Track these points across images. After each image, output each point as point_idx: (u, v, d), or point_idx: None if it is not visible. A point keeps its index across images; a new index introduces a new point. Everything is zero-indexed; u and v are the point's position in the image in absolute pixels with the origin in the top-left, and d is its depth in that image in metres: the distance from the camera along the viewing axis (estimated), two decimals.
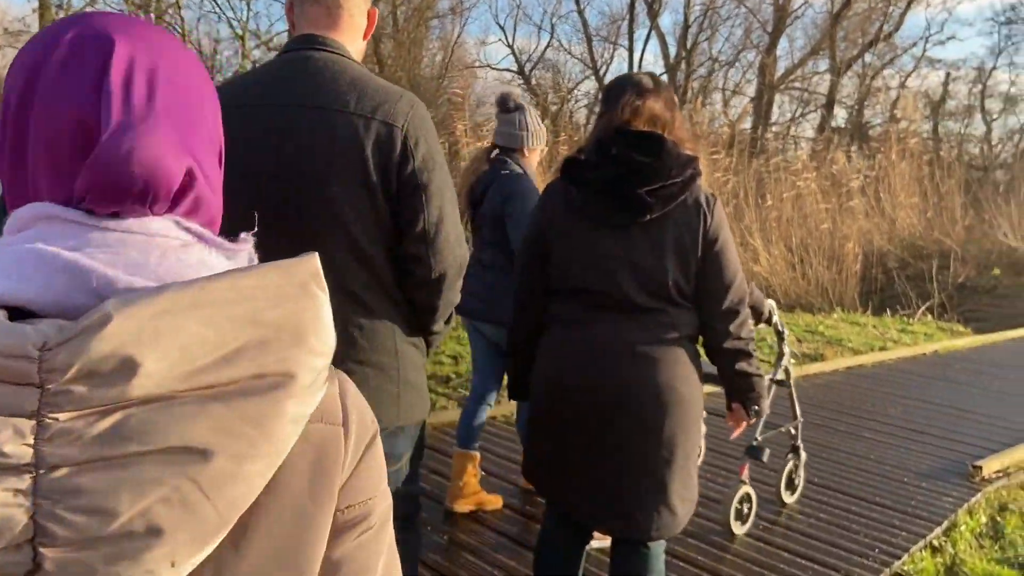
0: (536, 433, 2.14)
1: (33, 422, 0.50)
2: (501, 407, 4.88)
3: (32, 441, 0.50)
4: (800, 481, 3.75)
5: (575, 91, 23.65)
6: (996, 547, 3.52)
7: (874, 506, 3.72)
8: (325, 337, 0.60)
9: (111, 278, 0.56)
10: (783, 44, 23.21)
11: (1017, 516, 3.83)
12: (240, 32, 15.92)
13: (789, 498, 3.71)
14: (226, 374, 0.54)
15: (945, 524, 3.57)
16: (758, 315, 3.16)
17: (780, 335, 3.55)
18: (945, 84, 25.02)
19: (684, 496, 2.02)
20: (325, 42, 1.65)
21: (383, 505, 0.69)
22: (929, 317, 10.78)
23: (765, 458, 3.31)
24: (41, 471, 0.50)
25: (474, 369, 3.46)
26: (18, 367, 0.50)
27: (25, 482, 0.49)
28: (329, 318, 0.61)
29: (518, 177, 3.09)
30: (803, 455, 3.75)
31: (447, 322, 1.79)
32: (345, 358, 1.59)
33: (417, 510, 1.91)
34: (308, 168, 1.55)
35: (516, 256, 2.16)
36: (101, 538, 0.50)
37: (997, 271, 14.23)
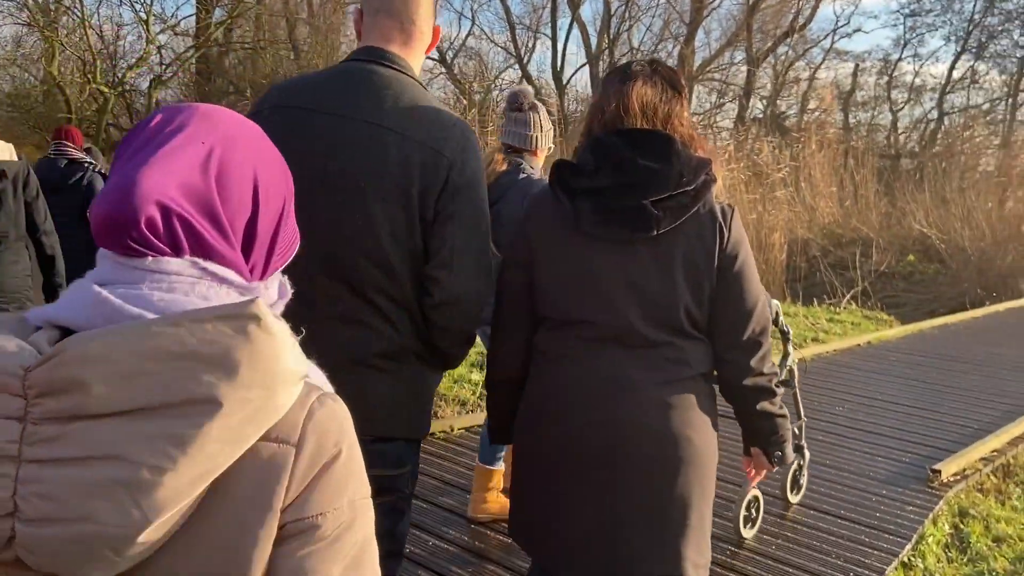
0: (522, 486, 1.81)
1: (21, 425, 0.66)
2: (441, 421, 4.56)
3: (18, 439, 0.66)
4: (804, 481, 3.71)
5: (499, 80, 23.32)
6: (964, 559, 3.39)
7: (841, 521, 3.54)
8: (261, 370, 0.68)
9: (118, 307, 0.70)
10: (700, 36, 23.38)
11: (980, 523, 3.73)
12: (144, 16, 15.00)
13: (794, 498, 3.65)
14: (158, 398, 0.65)
15: (914, 538, 3.43)
16: None
17: (785, 335, 3.53)
18: (854, 75, 25.81)
19: (698, 563, 1.72)
20: (392, 59, 1.66)
21: (339, 521, 0.74)
22: (853, 305, 10.95)
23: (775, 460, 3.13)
24: (21, 463, 0.65)
25: None
26: (9, 382, 0.66)
27: (11, 470, 0.65)
28: (272, 353, 0.69)
29: (540, 182, 3.03)
30: (807, 455, 3.73)
31: (462, 347, 1.76)
32: (362, 363, 1.62)
33: (402, 548, 1.86)
34: (352, 182, 1.57)
35: (498, 278, 1.84)
36: (54, 520, 0.64)
37: (912, 257, 14.67)
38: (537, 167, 3.14)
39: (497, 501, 3.33)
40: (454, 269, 1.63)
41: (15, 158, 3.48)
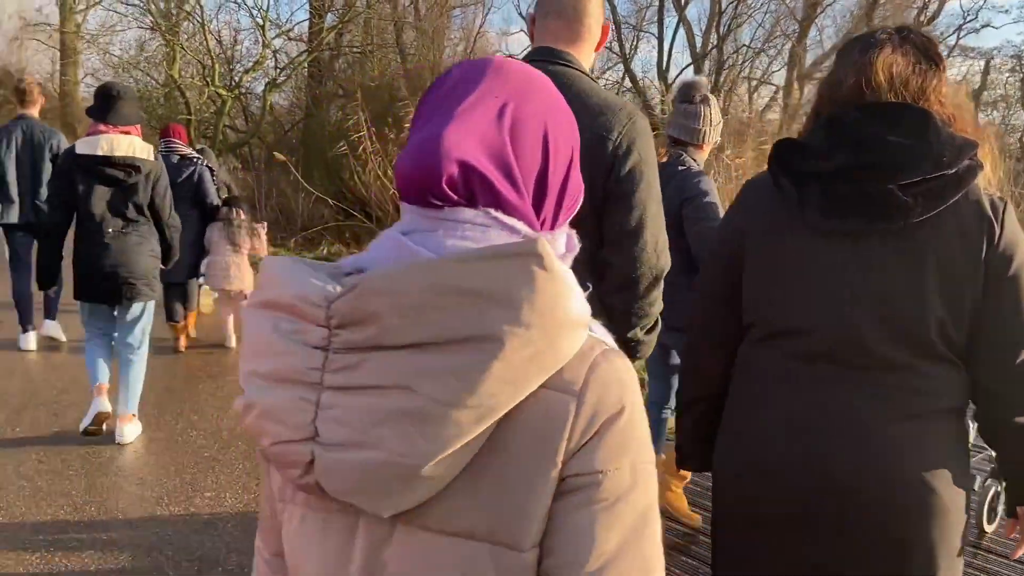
0: (726, 528, 1.52)
1: (324, 353, 0.71)
2: None
3: (321, 366, 0.70)
4: (1001, 508, 3.36)
5: (602, 79, 22.96)
6: None
7: None
8: (541, 310, 0.67)
9: (415, 251, 0.74)
10: (812, 33, 22.29)
11: None
12: (260, 21, 15.42)
13: (988, 527, 3.32)
14: (445, 333, 0.66)
15: None
16: None
17: None
18: (984, 73, 24.12)
19: None
20: (561, 55, 1.73)
21: (620, 483, 0.71)
22: None
23: (977, 487, 2.89)
24: (323, 389, 0.70)
25: (649, 375, 3.37)
26: (316, 312, 0.71)
27: (314, 396, 0.70)
28: (553, 293, 0.68)
29: (698, 174, 2.90)
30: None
31: (648, 331, 1.75)
32: None
33: None
34: None
35: (700, 277, 1.59)
36: (348, 445, 0.68)
37: None
38: (700, 161, 2.95)
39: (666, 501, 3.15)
40: (624, 249, 1.65)
41: (152, 158, 3.90)
